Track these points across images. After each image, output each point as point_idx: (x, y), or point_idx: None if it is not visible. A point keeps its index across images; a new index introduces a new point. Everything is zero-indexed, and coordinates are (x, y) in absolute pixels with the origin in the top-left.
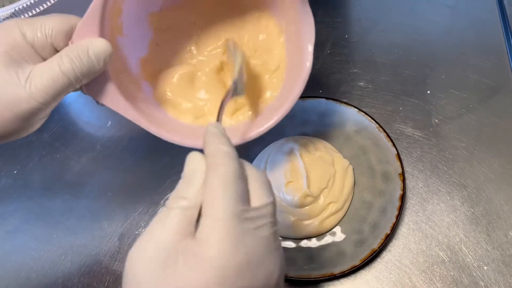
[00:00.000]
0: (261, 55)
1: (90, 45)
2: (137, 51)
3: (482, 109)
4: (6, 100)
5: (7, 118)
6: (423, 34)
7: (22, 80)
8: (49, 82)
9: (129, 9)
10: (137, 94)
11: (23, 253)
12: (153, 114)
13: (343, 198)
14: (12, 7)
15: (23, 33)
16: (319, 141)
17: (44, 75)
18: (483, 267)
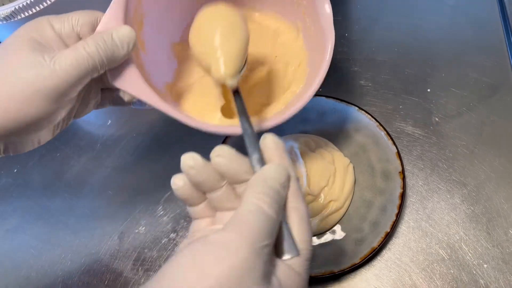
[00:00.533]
0: (281, 58)
1: (114, 30)
2: (162, 76)
3: (482, 107)
4: (29, 78)
5: (29, 97)
6: (423, 32)
7: (47, 59)
8: (73, 62)
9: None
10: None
11: (23, 252)
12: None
13: (344, 197)
14: (12, 6)
15: (52, 24)
16: (319, 138)
17: (69, 56)
18: (483, 265)
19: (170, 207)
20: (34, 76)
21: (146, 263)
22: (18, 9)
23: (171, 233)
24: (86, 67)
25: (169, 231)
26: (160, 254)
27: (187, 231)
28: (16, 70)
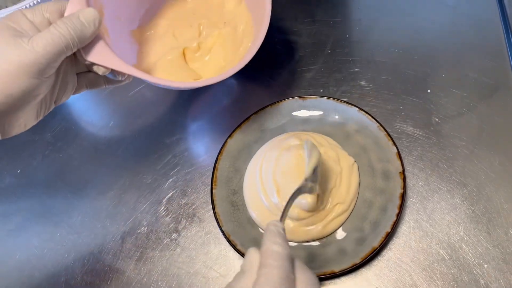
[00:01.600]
0: (229, 23)
1: (80, 12)
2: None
3: (482, 108)
4: (12, 57)
5: (14, 74)
6: (423, 33)
7: (25, 41)
8: (49, 41)
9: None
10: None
11: (26, 252)
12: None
13: (350, 198)
14: (14, 8)
15: (24, 14)
16: (321, 136)
17: (44, 36)
18: (483, 265)
19: (172, 207)
20: (16, 56)
21: (148, 263)
22: None
23: (173, 233)
24: (61, 44)
25: (171, 231)
26: (162, 255)
27: (189, 231)
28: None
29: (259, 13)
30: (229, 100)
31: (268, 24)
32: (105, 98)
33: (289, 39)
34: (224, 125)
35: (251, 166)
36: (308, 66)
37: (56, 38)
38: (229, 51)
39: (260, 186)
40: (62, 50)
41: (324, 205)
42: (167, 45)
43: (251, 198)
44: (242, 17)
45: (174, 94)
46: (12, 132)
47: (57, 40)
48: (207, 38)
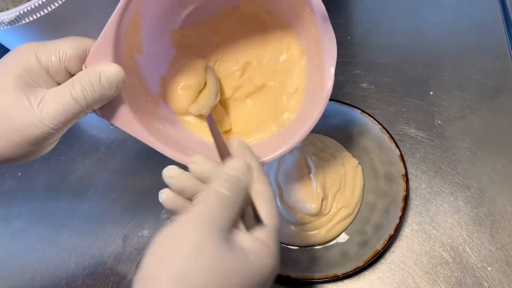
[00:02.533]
0: (279, 76)
1: (102, 71)
2: (157, 69)
3: (485, 110)
4: (17, 125)
5: (17, 142)
6: (425, 35)
7: (34, 105)
8: (60, 108)
9: (149, 27)
10: (155, 111)
11: (28, 255)
12: (170, 134)
13: (354, 202)
14: (16, 10)
15: (38, 57)
16: (325, 138)
17: (55, 101)
18: (487, 267)
19: None
20: (21, 124)
21: None
22: (22, 14)
23: None
24: (73, 111)
25: None
26: None
27: None
28: (5, 114)
29: (314, 89)
30: None
31: (319, 115)
32: None
33: None
34: None
35: None
36: None
37: (70, 105)
38: (266, 111)
39: None
40: (74, 116)
41: (329, 210)
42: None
43: None
44: (296, 78)
45: None
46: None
47: (70, 108)
48: (248, 83)
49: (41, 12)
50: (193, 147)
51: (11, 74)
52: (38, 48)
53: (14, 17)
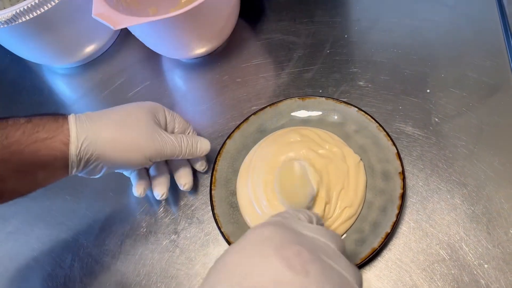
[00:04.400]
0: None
1: (200, 140)
2: None
3: (481, 107)
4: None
5: (139, 158)
6: (422, 33)
7: (159, 139)
8: (171, 149)
9: None
10: None
11: (25, 254)
12: None
13: (358, 201)
14: (13, 9)
15: (165, 111)
16: (325, 132)
17: (171, 144)
18: (484, 265)
19: (171, 209)
20: (147, 148)
21: (147, 265)
22: (18, 13)
23: (172, 235)
24: (175, 152)
25: (170, 232)
26: (161, 256)
27: (188, 233)
28: (139, 135)
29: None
30: (228, 101)
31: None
32: (104, 99)
33: (288, 39)
34: (223, 125)
35: (243, 165)
36: (307, 67)
37: (175, 150)
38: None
39: (252, 194)
40: (173, 155)
41: (332, 213)
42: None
43: (244, 204)
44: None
45: (173, 96)
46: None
47: (174, 152)
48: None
49: (37, 11)
50: None
51: (149, 110)
52: (165, 108)
53: (10, 16)
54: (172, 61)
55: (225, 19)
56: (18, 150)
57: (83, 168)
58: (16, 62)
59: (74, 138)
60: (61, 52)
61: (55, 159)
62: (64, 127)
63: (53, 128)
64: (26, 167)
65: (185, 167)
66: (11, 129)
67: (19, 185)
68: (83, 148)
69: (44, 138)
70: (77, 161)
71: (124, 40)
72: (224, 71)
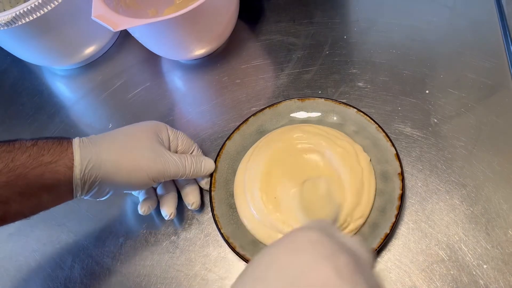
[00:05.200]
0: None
1: (204, 160)
2: None
3: (480, 108)
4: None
5: (142, 178)
6: (421, 34)
7: (162, 160)
8: (175, 169)
9: None
10: None
11: (26, 255)
12: None
13: (368, 209)
14: (13, 11)
15: (168, 130)
16: (331, 129)
17: (174, 164)
18: (483, 265)
19: None
20: (149, 169)
21: (147, 266)
22: (18, 15)
23: (172, 236)
24: (178, 174)
25: (170, 233)
26: (161, 257)
27: (188, 234)
28: (142, 157)
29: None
30: (227, 102)
31: None
32: (104, 100)
33: (287, 40)
34: (223, 127)
35: (240, 166)
36: (306, 68)
37: (179, 170)
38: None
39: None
40: (177, 175)
41: (343, 223)
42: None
43: (240, 206)
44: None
45: (173, 97)
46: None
47: (178, 172)
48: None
49: (37, 13)
50: None
51: (153, 130)
52: (168, 126)
53: (10, 18)
54: (171, 63)
55: (225, 21)
56: (23, 173)
57: (87, 191)
58: (16, 63)
59: (77, 162)
60: (61, 53)
61: (59, 183)
62: (69, 150)
63: (57, 151)
64: (31, 190)
65: (191, 185)
66: (17, 152)
67: (23, 207)
68: (87, 171)
69: (48, 162)
70: (81, 185)
71: (123, 42)
72: (223, 72)
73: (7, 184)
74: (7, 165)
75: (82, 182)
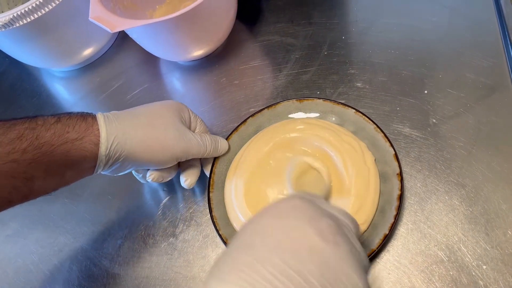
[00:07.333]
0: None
1: (220, 141)
2: None
3: (479, 108)
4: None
5: (166, 154)
6: (420, 34)
7: (185, 139)
8: (196, 147)
9: None
10: None
11: (24, 257)
12: None
13: (372, 214)
14: (10, 13)
15: (189, 111)
16: (329, 124)
17: (196, 143)
18: (482, 266)
19: (169, 211)
20: (173, 147)
21: (145, 268)
22: (16, 17)
23: (170, 237)
24: (199, 152)
25: (168, 235)
26: (159, 259)
27: (187, 235)
28: (167, 136)
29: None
30: (225, 103)
31: None
32: (102, 102)
33: (285, 41)
34: (221, 128)
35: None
36: (304, 68)
37: (200, 148)
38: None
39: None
40: (199, 154)
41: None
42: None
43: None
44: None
45: (171, 98)
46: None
47: (199, 150)
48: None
49: (35, 14)
50: None
51: (176, 110)
52: (189, 108)
53: (8, 20)
54: (170, 64)
55: (223, 21)
56: (49, 151)
57: (109, 167)
58: (14, 65)
59: (104, 139)
60: (59, 55)
61: (85, 159)
62: (94, 127)
63: (82, 128)
64: (56, 167)
65: (194, 166)
66: (41, 129)
67: (46, 184)
68: (113, 148)
69: (74, 139)
70: (105, 161)
71: (122, 43)
72: (222, 73)
73: (33, 161)
74: (32, 143)
75: (106, 158)
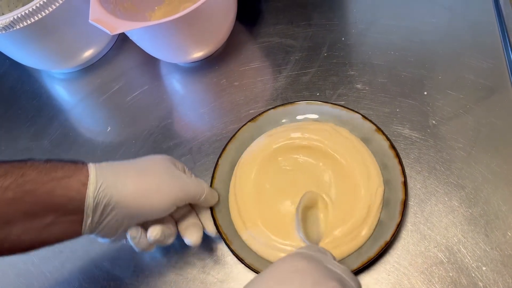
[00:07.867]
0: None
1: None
2: None
3: (479, 109)
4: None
5: (163, 199)
6: (419, 35)
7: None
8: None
9: None
10: None
11: (25, 259)
12: None
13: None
14: (11, 15)
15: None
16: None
17: (192, 186)
18: (482, 267)
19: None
20: (170, 190)
21: (146, 270)
22: (16, 19)
23: None
24: (197, 194)
25: None
26: (160, 262)
27: None
28: (162, 180)
29: None
30: (225, 105)
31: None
32: (102, 103)
33: (285, 42)
34: (221, 129)
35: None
36: (304, 70)
37: (199, 186)
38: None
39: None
40: (197, 195)
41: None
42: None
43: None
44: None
45: (171, 100)
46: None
47: (198, 188)
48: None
49: (35, 17)
50: None
51: (168, 159)
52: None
53: (9, 22)
54: (170, 65)
55: (223, 23)
56: (32, 189)
57: (99, 220)
58: (15, 67)
59: (93, 179)
60: (60, 57)
61: (70, 201)
62: (84, 169)
63: (71, 169)
64: (37, 209)
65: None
66: (28, 169)
67: (25, 232)
68: (102, 189)
69: (61, 177)
70: (94, 207)
71: (122, 45)
72: (221, 75)
73: (13, 201)
74: (16, 180)
75: (95, 203)
